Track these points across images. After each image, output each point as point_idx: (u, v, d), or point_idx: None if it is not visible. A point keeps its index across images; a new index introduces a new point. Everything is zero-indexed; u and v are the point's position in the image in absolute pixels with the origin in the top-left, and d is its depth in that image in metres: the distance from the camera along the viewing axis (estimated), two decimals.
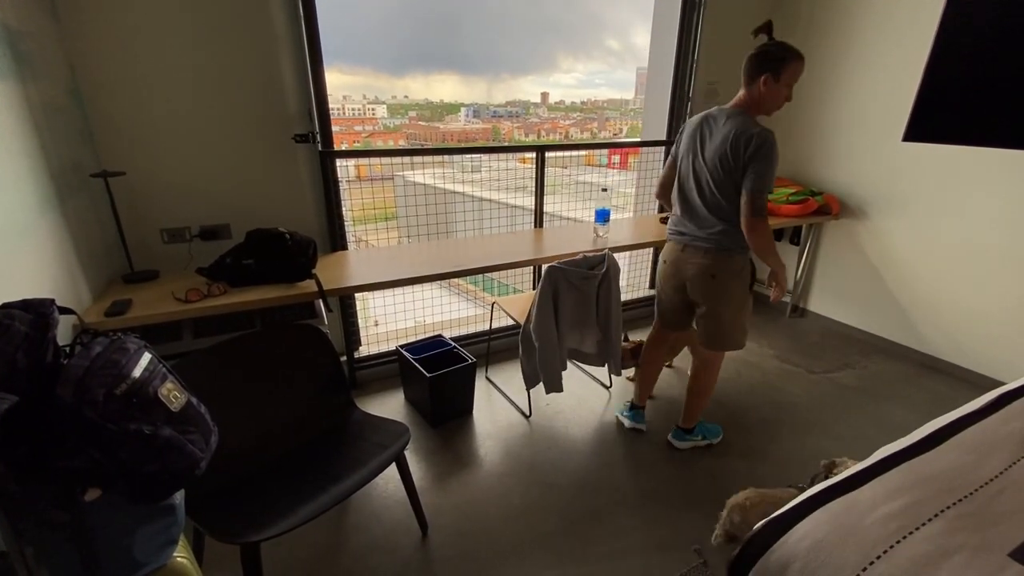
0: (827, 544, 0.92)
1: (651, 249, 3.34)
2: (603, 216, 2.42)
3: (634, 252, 3.38)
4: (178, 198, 1.97)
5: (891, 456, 1.15)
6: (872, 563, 0.88)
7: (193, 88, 1.88)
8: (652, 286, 3.43)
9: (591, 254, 2.06)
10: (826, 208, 2.90)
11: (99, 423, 0.78)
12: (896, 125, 2.61)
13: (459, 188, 3.61)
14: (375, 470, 1.38)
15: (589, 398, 2.40)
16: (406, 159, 3.10)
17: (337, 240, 2.26)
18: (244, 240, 1.83)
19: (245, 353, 1.53)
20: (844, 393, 2.46)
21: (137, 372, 0.85)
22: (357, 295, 2.53)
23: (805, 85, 3.05)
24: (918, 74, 2.45)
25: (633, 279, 3.41)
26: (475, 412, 2.29)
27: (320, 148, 2.12)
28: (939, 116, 2.30)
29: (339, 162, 2.22)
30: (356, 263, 2.15)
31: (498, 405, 2.36)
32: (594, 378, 2.55)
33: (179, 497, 0.98)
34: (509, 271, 2.55)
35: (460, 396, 2.24)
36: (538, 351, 2.05)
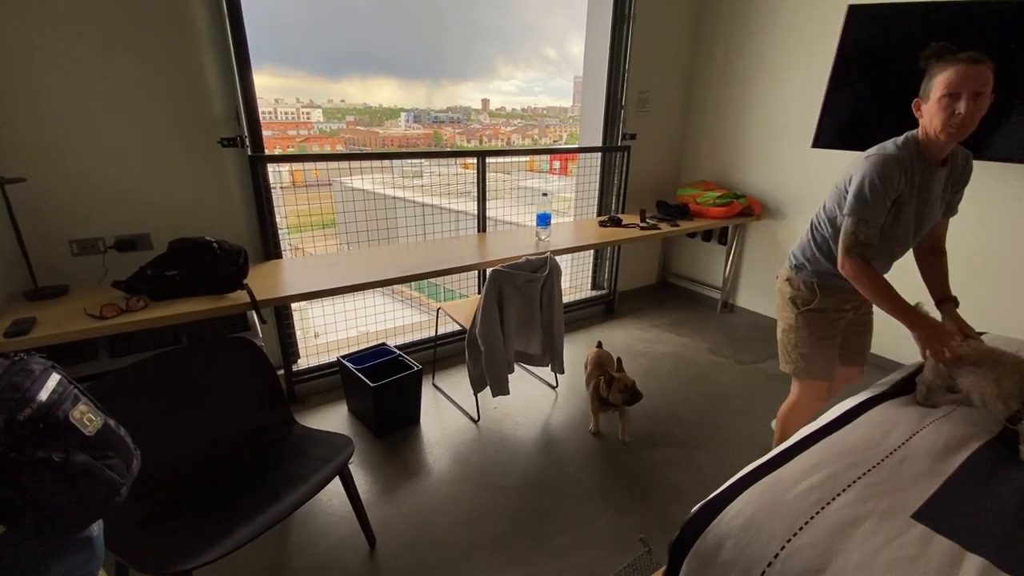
0: (756, 520, 0.98)
1: (592, 251, 3.45)
2: (544, 220, 2.47)
3: (576, 254, 3.47)
4: (90, 207, 1.82)
5: (811, 435, 1.25)
6: (795, 534, 0.95)
7: (105, 90, 1.75)
8: (594, 287, 3.53)
9: (534, 257, 2.10)
10: (749, 210, 3.12)
11: (1, 452, 0.71)
12: (807, 133, 2.83)
13: (399, 193, 3.56)
14: (317, 485, 1.33)
15: (536, 399, 2.44)
16: (344, 164, 3.02)
17: (270, 248, 2.17)
18: (166, 250, 1.71)
19: (172, 370, 1.44)
20: (771, 381, 2.64)
21: (44, 395, 0.78)
22: (295, 306, 2.43)
23: (728, 96, 3.27)
24: (823, 87, 2.68)
25: (576, 280, 3.50)
26: (422, 420, 2.26)
27: (249, 152, 2.03)
28: (841, 125, 2.52)
29: (273, 167, 2.14)
30: (291, 272, 2.07)
31: (446, 411, 2.34)
32: (540, 379, 2.59)
33: (97, 528, 0.90)
34: (454, 277, 2.55)
35: (406, 405, 2.20)
36: (484, 355, 2.06)
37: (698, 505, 1.06)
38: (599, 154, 3.20)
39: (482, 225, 2.70)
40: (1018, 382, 1.23)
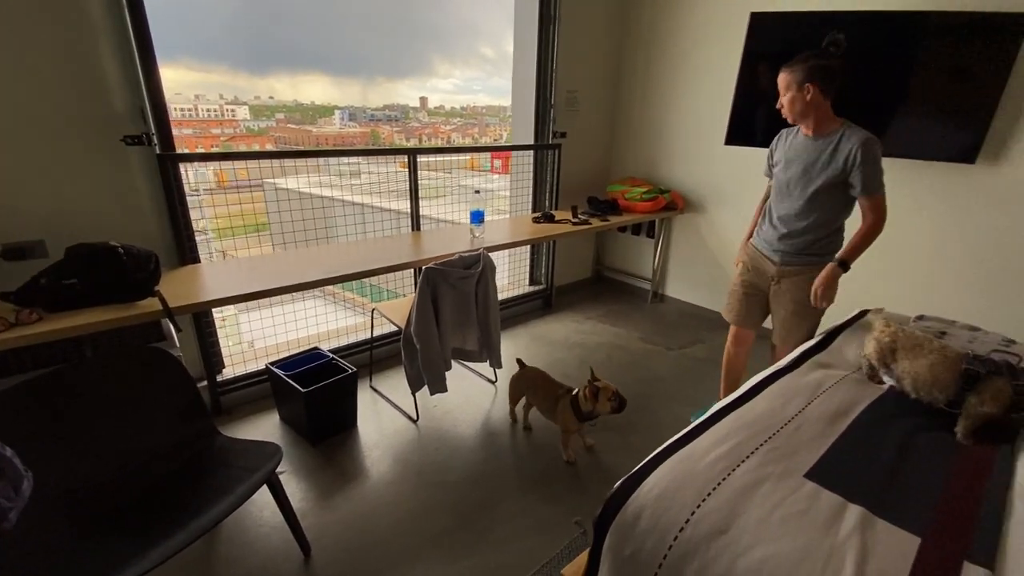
0: (670, 490, 1.05)
1: (528, 248, 3.51)
2: (478, 217, 2.49)
3: (514, 251, 3.52)
4: None
5: (722, 408, 1.35)
6: (704, 500, 1.03)
7: None
8: (532, 282, 3.60)
9: (467, 254, 2.11)
10: (673, 204, 3.29)
11: None
12: (721, 130, 3.03)
13: (335, 193, 3.46)
14: (242, 496, 1.28)
15: (476, 395, 2.46)
16: (276, 164, 2.89)
17: (186, 252, 2.05)
18: (63, 257, 1.58)
19: (74, 385, 1.34)
20: (698, 365, 2.81)
21: None
22: (221, 314, 2.31)
23: (651, 96, 3.43)
24: (733, 87, 2.88)
25: (515, 276, 3.55)
26: (360, 423, 2.22)
27: (158, 151, 1.91)
28: (749, 125, 2.72)
29: (195, 167, 2.01)
30: (212, 277, 1.97)
31: (385, 413, 2.31)
32: (479, 374, 2.61)
33: None
34: (390, 277, 2.52)
35: (341, 409, 2.16)
36: (420, 353, 2.05)
37: (619, 481, 1.12)
38: (531, 152, 3.26)
39: (416, 224, 2.68)
40: (948, 370, 1.31)
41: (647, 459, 1.16)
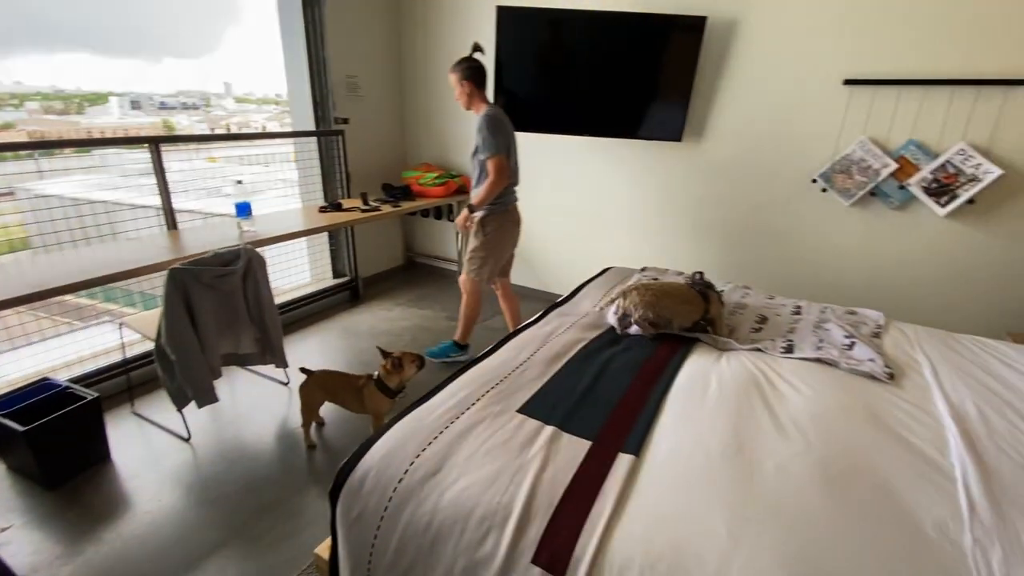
0: (395, 448, 1.13)
1: (326, 239, 3.38)
2: (244, 210, 2.31)
3: (314, 244, 3.36)
4: None
5: (469, 363, 1.48)
6: (424, 449, 1.12)
7: None
8: (336, 275, 3.48)
9: (224, 250, 1.96)
10: (464, 188, 3.45)
11: None
12: None
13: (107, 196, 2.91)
14: None
15: (265, 399, 2.31)
16: (31, 166, 2.30)
17: None
18: None
19: None
20: (497, 335, 3.01)
21: None
22: None
23: (436, 83, 3.52)
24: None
25: (316, 270, 3.39)
26: (116, 455, 1.93)
27: None
28: (517, 110, 2.95)
29: None
30: None
31: (152, 438, 2.05)
32: (269, 378, 2.46)
33: None
34: (150, 285, 2.22)
35: (85, 442, 1.86)
36: (177, 364, 1.86)
37: (353, 451, 1.16)
38: (314, 139, 3.12)
39: (171, 222, 2.39)
40: (648, 305, 1.65)
41: (383, 424, 1.22)
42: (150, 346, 2.16)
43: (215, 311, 1.95)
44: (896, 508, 1.00)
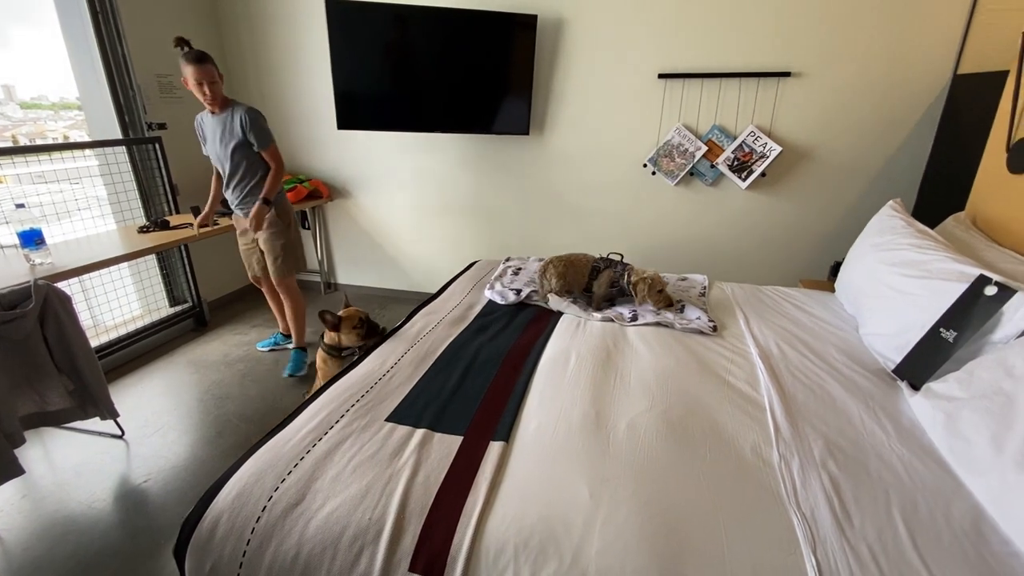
0: (249, 485, 1.03)
1: (156, 263, 2.95)
2: (31, 239, 1.91)
3: (138, 271, 2.91)
4: None
5: (322, 387, 1.40)
6: (284, 479, 1.04)
7: None
8: (173, 302, 3.06)
9: (5, 289, 1.61)
10: (317, 192, 3.24)
11: None
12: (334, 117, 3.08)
13: None
14: None
15: (94, 458, 1.96)
16: None
17: None
18: None
19: None
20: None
21: None
22: None
23: (270, 85, 3.24)
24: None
25: (147, 301, 2.95)
26: None
27: None
28: (356, 109, 2.84)
29: None
30: None
31: None
32: (98, 433, 2.09)
33: None
34: None
35: None
36: None
37: (199, 498, 1.04)
38: (123, 148, 2.69)
39: None
40: (557, 277, 1.91)
41: (231, 465, 1.11)
42: None
43: (4, 365, 1.60)
44: (722, 440, 1.17)
